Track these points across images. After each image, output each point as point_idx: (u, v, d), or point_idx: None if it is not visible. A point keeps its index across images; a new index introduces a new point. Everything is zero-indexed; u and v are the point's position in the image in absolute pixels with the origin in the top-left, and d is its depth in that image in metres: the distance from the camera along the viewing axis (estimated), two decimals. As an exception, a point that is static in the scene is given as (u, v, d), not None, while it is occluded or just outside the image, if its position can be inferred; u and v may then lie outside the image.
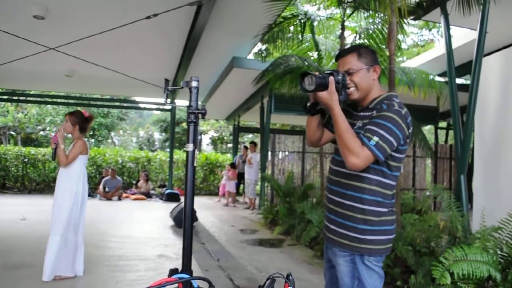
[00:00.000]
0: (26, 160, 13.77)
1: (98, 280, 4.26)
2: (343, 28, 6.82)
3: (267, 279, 1.40)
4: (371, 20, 6.95)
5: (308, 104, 2.07)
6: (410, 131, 1.96)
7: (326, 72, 1.94)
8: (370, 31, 6.89)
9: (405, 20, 5.98)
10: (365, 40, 7.06)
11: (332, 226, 2.08)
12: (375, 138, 1.84)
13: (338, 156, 2.05)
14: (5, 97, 16.22)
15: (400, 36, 6.28)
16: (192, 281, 1.38)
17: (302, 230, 6.40)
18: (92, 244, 5.63)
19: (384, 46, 6.64)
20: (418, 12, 6.55)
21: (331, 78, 1.88)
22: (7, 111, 20.59)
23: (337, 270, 2.08)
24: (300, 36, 7.32)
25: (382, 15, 6.22)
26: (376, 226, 1.96)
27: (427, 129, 20.36)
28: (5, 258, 4.98)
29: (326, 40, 8.07)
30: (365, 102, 2.05)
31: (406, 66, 8.10)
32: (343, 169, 2.00)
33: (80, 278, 4.25)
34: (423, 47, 21.66)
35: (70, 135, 4.52)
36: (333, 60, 7.71)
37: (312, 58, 8.14)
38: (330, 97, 1.88)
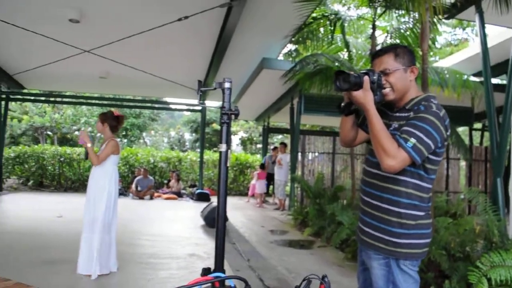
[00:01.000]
0: (62, 159, 14.18)
1: (130, 278, 4.35)
2: (374, 28, 6.72)
3: (303, 280, 1.39)
4: (402, 20, 6.83)
5: (343, 104, 2.02)
6: (448, 133, 1.90)
7: (361, 71, 1.91)
8: (402, 31, 6.77)
9: (438, 19, 5.84)
10: (397, 40, 6.94)
11: (366, 229, 2.04)
12: (412, 140, 1.80)
13: (373, 157, 2.01)
14: (43, 98, 16.74)
15: (432, 35, 6.14)
16: (229, 280, 1.39)
17: (332, 232, 6.34)
18: (124, 242, 5.74)
19: (416, 46, 6.52)
20: (451, 10, 6.40)
21: (366, 78, 1.85)
22: (45, 112, 21.27)
23: (371, 273, 2.04)
24: (330, 36, 7.26)
25: (414, 14, 6.10)
26: (413, 230, 1.92)
27: (461, 131, 19.82)
28: (43, 253, 5.14)
29: (357, 40, 7.98)
30: (401, 103, 2.00)
31: (439, 66, 7.92)
32: (379, 171, 1.96)
33: (113, 275, 4.35)
34: (457, 46, 21.11)
35: (102, 135, 4.61)
36: (363, 60, 7.63)
37: (342, 58, 8.07)
38: (365, 96, 1.85)
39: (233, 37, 7.41)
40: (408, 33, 6.65)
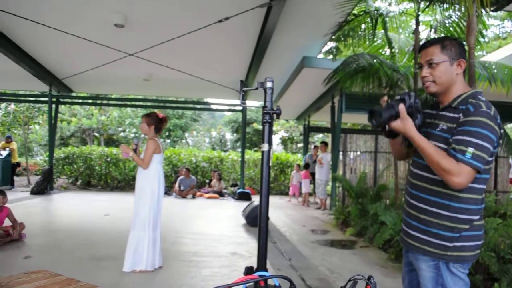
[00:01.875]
0: (108, 159, 14.66)
1: (174, 275, 4.43)
2: (417, 22, 6.54)
3: (349, 281, 1.37)
4: (447, 13, 6.60)
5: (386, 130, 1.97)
6: (501, 131, 1.81)
7: (397, 97, 1.89)
8: (447, 25, 6.55)
9: (485, 11, 5.60)
10: (442, 35, 6.72)
11: (413, 232, 1.98)
12: (470, 150, 1.72)
13: (420, 159, 1.94)
14: (90, 101, 17.43)
15: (479, 29, 5.90)
16: (274, 279, 1.39)
17: (375, 232, 6.22)
18: (168, 240, 5.87)
19: (462, 40, 6.28)
20: (499, 2, 6.12)
21: (401, 106, 1.82)
22: (92, 114, 22.06)
23: (419, 275, 1.98)
24: (371, 33, 7.12)
25: (460, 6, 5.88)
26: (465, 232, 1.85)
27: (510, 128, 18.97)
28: (90, 250, 5.34)
29: (399, 36, 7.78)
30: (446, 99, 1.93)
31: (486, 60, 7.59)
32: (427, 173, 1.90)
33: (158, 272, 4.45)
34: (505, 39, 20.18)
35: (146, 136, 4.73)
36: (406, 57, 7.44)
37: (384, 55, 7.89)
38: (404, 125, 1.82)
39: (273, 37, 7.41)
40: (453, 27, 6.43)
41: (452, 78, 1.89)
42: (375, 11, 6.91)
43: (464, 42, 5.15)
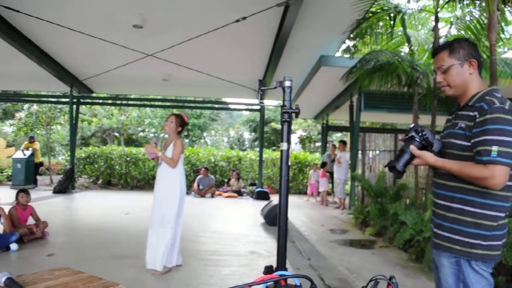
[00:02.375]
0: (128, 159, 14.84)
1: (193, 273, 4.47)
2: (436, 19, 6.43)
3: (370, 281, 1.37)
4: (467, 9, 6.48)
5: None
6: None
7: (406, 136, 1.97)
8: (467, 21, 6.43)
9: (507, 7, 5.49)
10: (462, 31, 6.60)
11: (439, 231, 1.99)
12: (495, 148, 1.73)
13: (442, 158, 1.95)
14: (110, 101, 17.67)
15: (501, 25, 5.78)
16: (294, 278, 1.39)
17: (395, 232, 6.16)
18: (188, 239, 5.91)
19: (483, 37, 6.17)
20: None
21: (412, 147, 1.91)
22: (112, 114, 22.36)
23: (440, 271, 1.99)
24: (389, 30, 7.03)
25: (481, 2, 5.77)
26: (489, 231, 1.83)
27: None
28: (112, 248, 5.42)
29: (418, 34, 7.66)
30: (464, 98, 1.95)
31: (508, 57, 7.44)
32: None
33: (177, 270, 4.49)
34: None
35: (167, 135, 4.78)
36: (426, 54, 7.33)
37: (403, 53, 7.79)
38: (423, 160, 1.91)
39: (290, 36, 7.40)
40: (473, 23, 6.31)
41: (465, 79, 1.92)
42: (393, 9, 6.82)
43: (485, 39, 5.06)
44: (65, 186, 12.11)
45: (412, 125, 1.99)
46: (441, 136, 2.06)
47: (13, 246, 5.21)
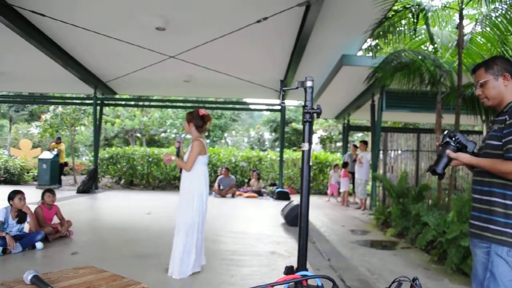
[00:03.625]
0: (150, 159, 15.00)
1: (214, 273, 4.48)
2: (461, 16, 6.30)
3: (393, 282, 1.35)
4: (493, 6, 6.32)
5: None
6: None
7: (441, 142, 2.18)
8: (493, 18, 6.28)
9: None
10: (487, 28, 6.45)
11: (475, 222, 2.18)
12: None
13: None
14: (132, 102, 17.87)
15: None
16: (316, 279, 1.38)
17: (417, 233, 6.07)
18: (209, 239, 5.94)
19: (509, 34, 6.02)
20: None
21: (448, 151, 2.13)
22: (134, 116, 22.66)
23: (474, 261, 2.21)
24: (412, 29, 6.92)
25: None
26: None
27: None
28: (134, 247, 5.48)
29: (442, 31, 7.52)
30: (501, 107, 2.19)
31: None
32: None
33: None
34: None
35: (190, 135, 4.57)
36: (450, 52, 7.19)
37: (426, 51, 7.66)
38: (459, 161, 2.14)
39: (311, 35, 7.36)
40: (500, 19, 6.15)
41: (501, 91, 2.17)
42: (416, 6, 6.71)
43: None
44: (89, 186, 12.32)
45: (445, 132, 2.18)
46: (483, 140, 2.26)
47: (39, 245, 5.32)
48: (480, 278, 2.11)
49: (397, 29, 7.01)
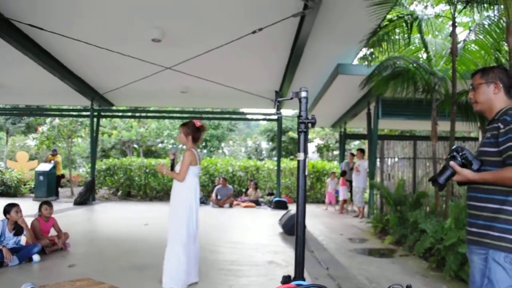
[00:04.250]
0: (147, 170, 14.97)
1: (212, 283, 4.47)
2: (454, 25, 6.36)
3: (387, 289, 1.35)
4: (486, 14, 6.40)
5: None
6: None
7: (448, 155, 2.24)
8: (486, 26, 6.35)
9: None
10: (480, 36, 6.52)
11: (472, 229, 2.19)
12: None
13: None
14: (129, 113, 17.93)
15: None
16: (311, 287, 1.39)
17: (415, 241, 6.06)
18: (207, 249, 5.92)
19: (502, 41, 6.08)
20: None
21: (452, 163, 2.18)
22: (131, 127, 22.65)
23: (471, 267, 2.20)
24: (407, 37, 6.99)
25: (499, 6, 5.68)
26: None
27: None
28: (132, 259, 5.46)
29: (436, 40, 7.60)
30: (491, 114, 2.24)
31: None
32: None
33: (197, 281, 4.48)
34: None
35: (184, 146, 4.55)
36: (443, 60, 7.25)
37: (420, 59, 7.72)
38: (462, 176, 2.16)
39: (307, 45, 7.41)
40: (492, 27, 6.22)
41: (489, 98, 2.24)
42: (410, 15, 6.78)
43: (504, 42, 4.97)
44: (86, 198, 12.28)
45: (454, 146, 2.23)
46: (478, 149, 2.31)
47: (36, 257, 5.29)
48: (477, 285, 2.11)
49: (392, 38, 7.08)
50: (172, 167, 4.45)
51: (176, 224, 4.24)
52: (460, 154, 2.18)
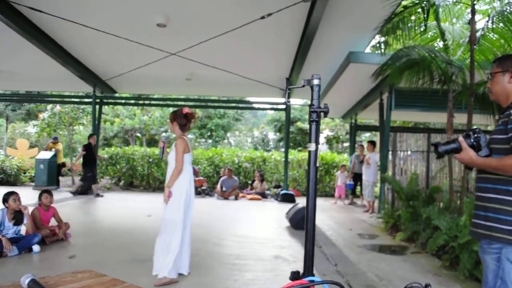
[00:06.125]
0: (150, 160, 15.01)
1: (217, 278, 4.49)
2: (473, 12, 6.27)
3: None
4: (506, 1, 6.29)
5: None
6: None
7: (463, 134, 2.19)
8: (506, 13, 6.24)
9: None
10: (500, 24, 6.41)
11: (480, 221, 2.18)
12: None
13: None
14: (132, 101, 17.93)
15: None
16: (325, 284, 1.38)
17: (428, 237, 6.04)
18: (211, 242, 5.95)
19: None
20: None
21: (460, 138, 2.16)
22: (134, 115, 22.70)
23: (484, 267, 2.18)
24: (423, 25, 6.89)
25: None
26: None
27: None
28: (133, 251, 5.49)
29: (453, 27, 7.49)
30: (506, 104, 2.24)
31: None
32: None
33: (200, 275, 4.51)
34: None
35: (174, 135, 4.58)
36: (461, 49, 7.16)
37: (437, 47, 7.63)
38: (466, 156, 2.15)
39: (317, 32, 7.35)
40: (514, 15, 6.12)
41: (504, 87, 2.23)
42: (426, 2, 6.69)
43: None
44: (87, 188, 12.35)
45: (474, 127, 2.23)
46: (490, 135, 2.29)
47: (36, 248, 5.34)
48: (490, 286, 2.10)
49: (407, 25, 6.99)
50: (162, 156, 4.53)
51: (171, 212, 4.29)
52: (475, 136, 2.16)
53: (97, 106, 13.47)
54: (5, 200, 5.42)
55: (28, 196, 8.53)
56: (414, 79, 7.16)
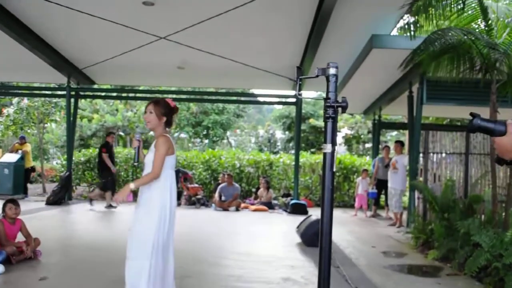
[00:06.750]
0: (136, 164, 14.94)
1: (215, 304, 4.49)
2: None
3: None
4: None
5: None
6: None
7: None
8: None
9: None
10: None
11: None
12: None
13: None
14: (114, 94, 17.98)
15: None
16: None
17: (466, 256, 6.02)
18: (207, 261, 5.95)
19: None
20: None
21: (509, 121, 1.92)
22: (117, 110, 22.77)
23: None
24: (461, 1, 6.88)
25: None
26: None
27: None
28: (114, 271, 5.46)
29: (497, 4, 7.48)
30: None
31: None
32: None
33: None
34: None
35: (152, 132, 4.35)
36: (507, 30, 7.14)
37: (477, 29, 7.62)
38: (508, 140, 1.91)
39: (333, 12, 7.34)
40: None
41: None
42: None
43: None
44: (61, 197, 12.39)
45: None
46: None
47: None
48: None
49: (442, 2, 6.98)
50: (137, 159, 4.24)
51: (141, 230, 3.87)
52: None
53: (72, 100, 13.49)
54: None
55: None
56: (450, 67, 7.14)
